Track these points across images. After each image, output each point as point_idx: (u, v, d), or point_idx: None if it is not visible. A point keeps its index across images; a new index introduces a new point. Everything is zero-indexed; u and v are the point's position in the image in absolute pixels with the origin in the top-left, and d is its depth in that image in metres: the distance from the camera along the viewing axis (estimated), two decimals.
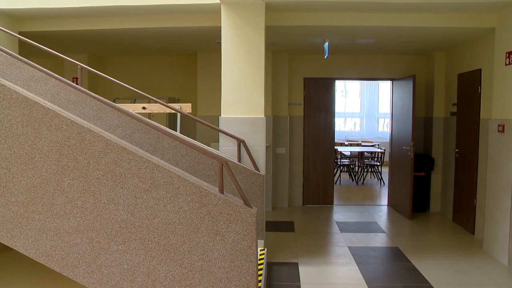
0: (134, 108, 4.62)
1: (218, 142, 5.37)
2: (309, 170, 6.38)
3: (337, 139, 11.99)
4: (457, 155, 6.00)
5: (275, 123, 6.23)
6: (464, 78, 5.95)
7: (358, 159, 9.74)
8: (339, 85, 12.30)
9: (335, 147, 9.87)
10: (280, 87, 6.22)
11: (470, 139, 5.78)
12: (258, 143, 4.33)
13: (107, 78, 4.08)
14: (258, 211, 4.03)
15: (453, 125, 6.15)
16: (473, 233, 5.94)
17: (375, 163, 9.55)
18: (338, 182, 9.57)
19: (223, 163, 3.25)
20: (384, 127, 12.54)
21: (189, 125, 6.79)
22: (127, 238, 3.01)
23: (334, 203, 6.88)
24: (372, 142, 11.43)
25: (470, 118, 5.81)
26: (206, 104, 6.11)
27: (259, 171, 4.16)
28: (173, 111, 4.63)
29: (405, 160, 6.45)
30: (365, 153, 9.86)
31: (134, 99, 6.71)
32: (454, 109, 6.11)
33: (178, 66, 6.80)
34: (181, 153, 4.35)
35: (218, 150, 4.82)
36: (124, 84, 4.29)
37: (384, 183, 9.49)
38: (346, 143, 11.07)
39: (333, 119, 6.57)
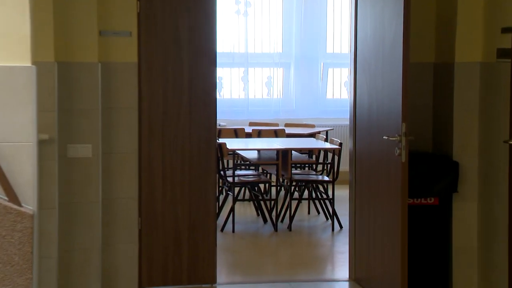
0: None
1: None
2: (153, 199, 5.18)
3: (227, 120, 9.35)
4: None
5: (64, 82, 4.79)
6: None
7: (278, 169, 7.06)
8: None
9: (221, 141, 7.36)
10: None
11: None
12: (16, 135, 3.41)
13: None
14: None
15: (505, 82, 4.62)
16: None
17: (319, 178, 7.36)
18: (227, 224, 7.09)
19: None
20: (339, 90, 10.12)
21: None
22: None
23: (218, 280, 5.46)
24: (312, 126, 9.10)
25: None
26: None
27: (20, 205, 3.43)
28: None
29: (389, 168, 4.87)
30: (292, 153, 7.38)
31: None
32: (508, 42, 4.55)
33: None
34: None
35: None
36: None
37: (341, 226, 7.16)
38: (250, 129, 8.41)
39: (215, 70, 5.19)
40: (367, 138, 5.19)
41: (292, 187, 7.38)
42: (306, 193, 7.72)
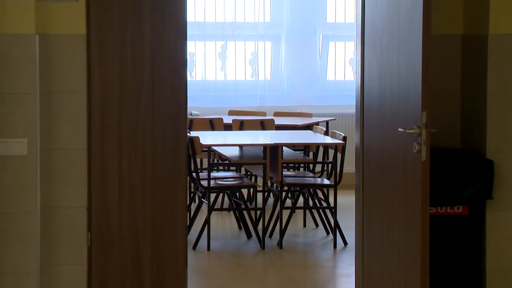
0: None
1: None
2: (107, 208, 5.46)
3: (201, 108, 9.87)
4: None
5: None
6: None
7: (266, 171, 7.30)
8: None
9: (193, 134, 7.67)
10: None
11: None
12: None
13: None
14: None
15: None
16: None
17: (317, 181, 7.73)
18: (201, 240, 7.29)
19: None
20: (343, 70, 10.54)
21: None
22: None
23: None
24: (309, 115, 9.46)
25: None
26: None
27: None
28: None
29: (406, 169, 5.04)
30: (284, 149, 7.67)
31: None
32: None
33: None
34: None
35: None
36: None
37: (345, 243, 7.40)
38: (230, 120, 8.76)
39: (185, 45, 5.48)
40: (378, 130, 5.30)
41: (284, 193, 7.52)
42: (301, 200, 7.80)
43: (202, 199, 7.31)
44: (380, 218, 5.23)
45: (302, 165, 8.46)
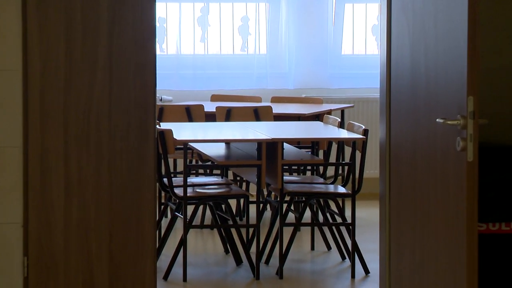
0: None
1: None
2: (50, 225, 5.56)
3: (175, 92, 10.17)
4: None
5: None
6: None
7: (261, 175, 7.49)
8: None
9: (163, 127, 7.72)
10: None
11: None
12: None
13: None
14: None
15: None
16: None
17: (329, 189, 7.82)
18: (174, 267, 7.36)
19: None
20: (363, 41, 10.85)
21: None
22: None
23: None
24: (318, 101, 9.63)
25: None
26: None
27: None
28: None
29: (446, 173, 5.09)
30: (285, 147, 7.81)
31: None
32: None
33: None
34: None
35: None
36: None
37: (366, 271, 7.50)
38: (213, 107, 8.93)
39: (153, 7, 5.67)
40: (410, 121, 5.37)
41: (285, 205, 7.58)
42: (308, 214, 7.84)
43: (176, 213, 7.40)
44: (412, 237, 5.30)
45: (309, 167, 8.48)
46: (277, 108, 8.78)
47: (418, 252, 5.23)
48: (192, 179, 7.61)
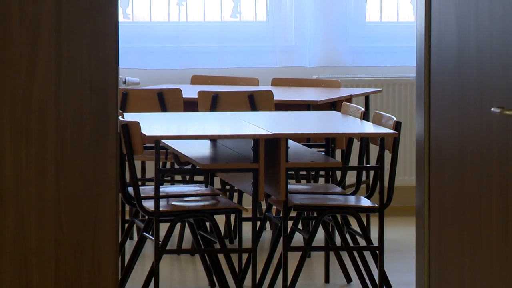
0: None
1: None
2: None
3: (144, 72, 10.42)
4: None
5: None
6: None
7: (258, 183, 7.64)
8: None
9: (128, 118, 7.99)
10: None
11: None
12: None
13: None
14: None
15: None
16: None
17: (350, 201, 7.99)
18: None
19: None
20: (395, 7, 10.82)
21: None
22: None
23: None
24: (336, 84, 9.84)
25: None
26: None
27: None
28: None
29: (507, 177, 5.24)
30: (290, 144, 8.03)
31: None
32: None
33: None
34: None
35: None
36: None
37: None
38: (194, 92, 9.17)
39: None
40: (456, 111, 5.48)
41: (290, 223, 7.65)
42: (321, 235, 7.85)
43: (145, 234, 7.38)
44: (460, 266, 5.27)
45: (322, 173, 8.53)
46: (280, 94, 8.82)
47: (467, 285, 5.25)
48: (166, 188, 7.64)
